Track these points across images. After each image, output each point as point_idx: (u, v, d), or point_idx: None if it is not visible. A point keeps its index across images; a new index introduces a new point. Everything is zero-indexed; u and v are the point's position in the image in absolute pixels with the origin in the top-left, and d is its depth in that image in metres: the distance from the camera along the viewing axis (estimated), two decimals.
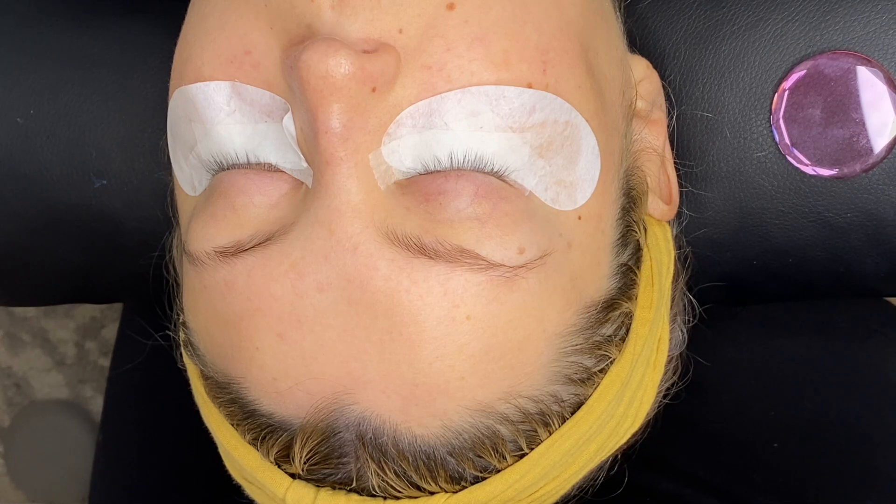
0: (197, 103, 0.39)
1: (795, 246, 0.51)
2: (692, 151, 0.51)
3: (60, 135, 0.54)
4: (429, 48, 0.36)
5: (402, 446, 0.38)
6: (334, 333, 0.36)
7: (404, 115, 0.36)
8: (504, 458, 0.39)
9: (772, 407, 0.55)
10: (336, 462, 0.38)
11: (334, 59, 0.34)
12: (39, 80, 0.54)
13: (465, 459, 0.39)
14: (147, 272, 0.55)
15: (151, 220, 0.54)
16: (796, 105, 0.45)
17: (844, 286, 0.54)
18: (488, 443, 0.39)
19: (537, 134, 0.37)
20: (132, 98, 0.53)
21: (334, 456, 0.38)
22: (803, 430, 0.34)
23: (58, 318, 1.03)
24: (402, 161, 0.37)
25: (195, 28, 0.40)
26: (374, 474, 0.38)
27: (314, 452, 0.38)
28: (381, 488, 0.39)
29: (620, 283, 0.41)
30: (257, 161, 0.38)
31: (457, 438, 0.38)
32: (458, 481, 0.40)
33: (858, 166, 0.46)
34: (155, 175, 0.53)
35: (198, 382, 0.43)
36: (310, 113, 0.35)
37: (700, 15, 0.50)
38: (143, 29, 0.54)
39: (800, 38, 0.49)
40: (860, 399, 0.54)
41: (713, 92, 0.50)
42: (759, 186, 0.50)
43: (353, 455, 0.38)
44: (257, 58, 0.38)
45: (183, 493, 0.63)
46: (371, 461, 0.38)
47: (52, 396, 1.07)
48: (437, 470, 0.39)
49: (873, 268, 0.52)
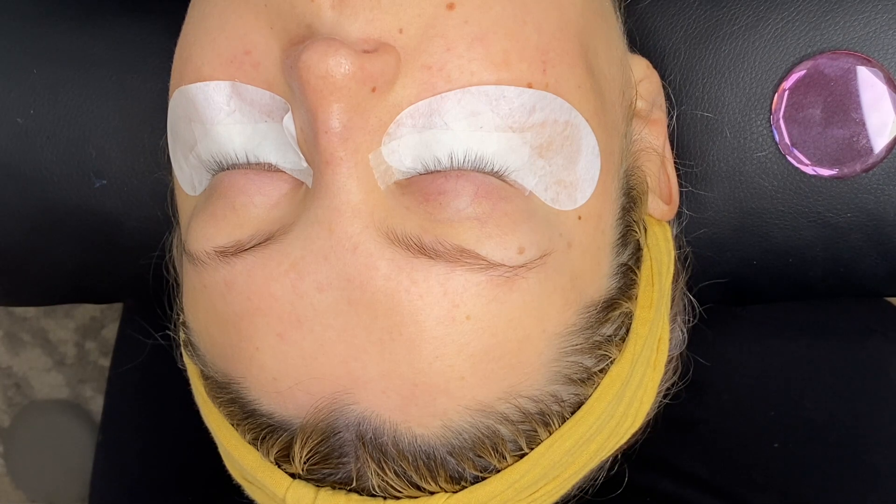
0: (197, 103, 0.39)
1: (795, 246, 0.51)
2: (692, 151, 0.51)
3: (60, 135, 0.54)
4: (429, 48, 0.36)
5: (402, 446, 0.38)
6: (334, 333, 0.36)
7: (404, 114, 0.36)
8: (504, 458, 0.39)
9: (772, 407, 0.55)
10: (336, 462, 0.38)
11: (334, 59, 0.34)
12: (39, 80, 0.54)
13: (465, 459, 0.39)
14: (147, 272, 0.55)
15: (151, 220, 0.54)
16: (796, 105, 0.45)
17: (844, 286, 0.54)
18: (488, 443, 0.39)
19: (537, 134, 0.37)
20: (132, 98, 0.53)
21: (334, 456, 0.38)
22: (803, 430, 0.34)
23: (58, 317, 1.03)
24: (402, 161, 0.37)
25: (195, 28, 0.40)
26: (374, 474, 0.38)
27: (314, 452, 0.38)
28: (381, 488, 0.39)
29: (620, 283, 0.41)
30: (257, 161, 0.38)
31: (457, 438, 0.38)
32: (458, 481, 0.39)
33: (858, 166, 0.46)
34: (155, 175, 0.53)
35: (198, 382, 0.43)
36: (310, 113, 0.35)
37: (700, 14, 0.50)
38: (143, 29, 0.54)
39: (800, 37, 0.49)
40: (860, 399, 0.54)
41: (713, 92, 0.50)
42: (759, 186, 0.50)
43: (353, 455, 0.38)
44: (257, 58, 0.38)
45: (183, 493, 0.63)
46: (371, 461, 0.38)
47: (52, 396, 1.07)
48: (437, 470, 0.39)
49: (873, 268, 0.52)
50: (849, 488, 0.43)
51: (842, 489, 0.35)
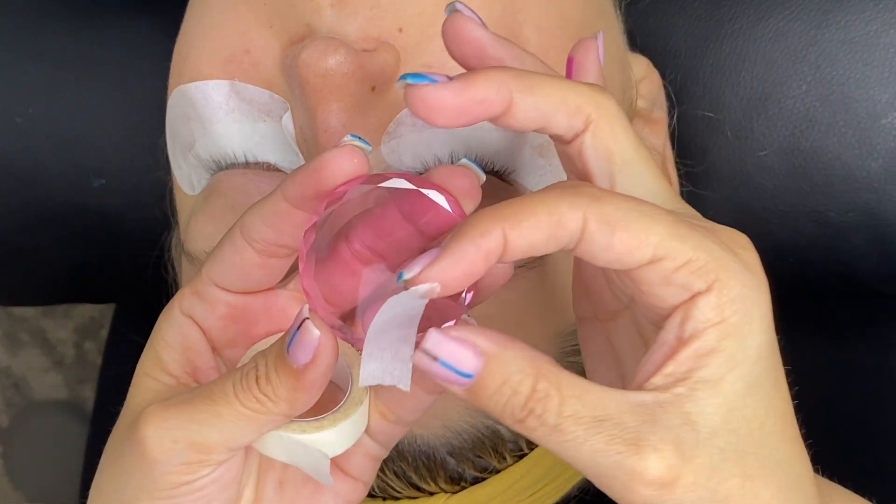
0: (196, 102, 0.39)
1: (796, 245, 0.51)
2: (693, 151, 0.50)
3: (59, 134, 0.54)
4: (429, 47, 0.36)
5: (402, 446, 0.38)
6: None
7: (404, 113, 0.36)
8: (504, 459, 0.39)
9: None
10: None
11: (334, 58, 0.34)
12: (38, 80, 0.54)
13: (464, 460, 0.39)
14: (146, 272, 0.55)
15: (150, 220, 0.54)
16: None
17: (846, 286, 0.54)
18: (488, 443, 0.39)
19: (537, 133, 0.37)
20: (131, 97, 0.53)
21: None
22: (804, 422, 0.34)
23: (56, 317, 1.03)
24: (402, 160, 0.37)
25: (194, 27, 0.40)
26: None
27: None
28: (380, 489, 0.39)
29: None
30: (256, 160, 0.38)
31: (457, 438, 0.38)
32: (457, 482, 0.39)
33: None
34: (154, 174, 0.53)
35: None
36: (309, 112, 0.35)
37: (701, 14, 0.50)
38: (142, 28, 0.54)
39: (801, 36, 0.49)
40: (863, 392, 0.54)
41: (714, 91, 0.50)
42: (759, 186, 0.50)
43: None
44: (256, 56, 0.38)
45: None
46: None
47: (51, 397, 1.07)
48: (437, 470, 0.39)
49: (875, 267, 0.52)
50: (852, 481, 0.43)
51: (845, 482, 0.35)
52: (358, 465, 0.34)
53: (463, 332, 0.28)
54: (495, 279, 0.30)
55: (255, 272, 0.32)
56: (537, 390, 0.27)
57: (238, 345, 0.34)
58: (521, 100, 0.29)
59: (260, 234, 0.31)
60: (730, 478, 0.28)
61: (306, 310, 0.29)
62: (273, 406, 0.29)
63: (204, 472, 0.31)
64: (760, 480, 0.28)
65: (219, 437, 0.30)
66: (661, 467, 0.27)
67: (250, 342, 0.34)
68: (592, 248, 0.28)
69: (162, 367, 0.33)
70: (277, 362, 0.29)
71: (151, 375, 0.33)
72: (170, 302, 0.34)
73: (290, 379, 0.29)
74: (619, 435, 0.27)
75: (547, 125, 0.29)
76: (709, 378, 0.27)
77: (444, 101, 0.28)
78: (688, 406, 0.27)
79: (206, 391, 0.30)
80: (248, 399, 0.29)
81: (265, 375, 0.29)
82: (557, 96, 0.29)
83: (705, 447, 0.27)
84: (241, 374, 0.30)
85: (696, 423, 0.27)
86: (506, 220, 0.27)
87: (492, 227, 0.27)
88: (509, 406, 0.27)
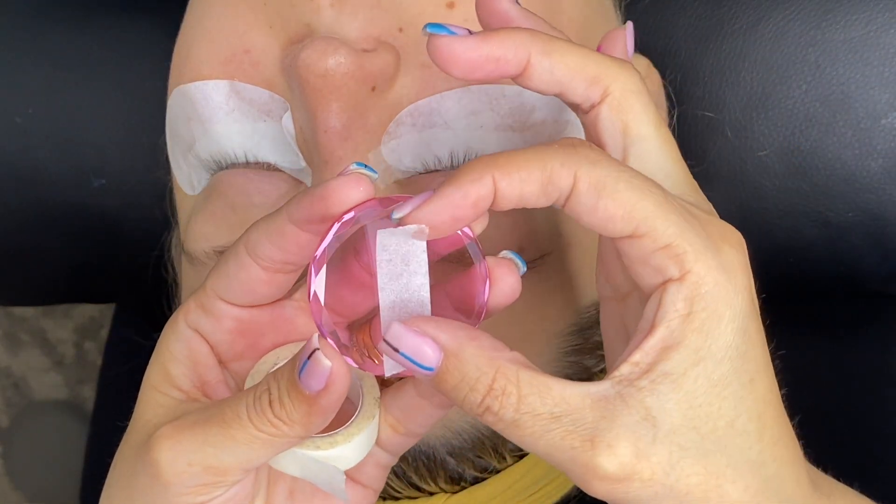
0: (195, 102, 0.39)
1: (796, 245, 0.51)
2: (693, 151, 0.50)
3: (59, 134, 0.54)
4: None
5: None
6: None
7: (404, 113, 0.36)
8: (504, 459, 0.39)
9: None
10: None
11: (334, 58, 0.34)
12: (38, 80, 0.54)
13: (464, 460, 0.39)
14: (146, 272, 0.55)
15: (150, 220, 0.54)
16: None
17: (846, 286, 0.54)
18: (488, 443, 0.38)
19: (537, 133, 0.37)
20: (131, 97, 0.53)
21: None
22: (803, 422, 0.34)
23: (56, 317, 1.03)
24: (402, 160, 0.36)
25: (194, 27, 0.40)
26: None
27: None
28: None
29: None
30: (256, 160, 0.38)
31: (456, 438, 0.38)
32: (457, 482, 0.39)
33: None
34: (154, 174, 0.53)
35: None
36: (309, 112, 0.35)
37: (701, 14, 0.50)
38: (142, 28, 0.54)
39: (801, 36, 0.49)
40: (862, 391, 0.54)
41: (714, 91, 0.50)
42: (760, 186, 0.50)
43: None
44: (256, 56, 0.38)
45: None
46: None
47: (50, 397, 1.07)
48: (437, 470, 0.39)
49: (875, 267, 0.52)
50: (852, 479, 0.43)
51: (845, 480, 0.36)
52: (369, 474, 0.34)
53: (426, 325, 0.28)
54: (505, 297, 0.31)
55: (261, 287, 0.32)
56: (494, 388, 0.27)
57: (246, 357, 0.33)
58: (538, 62, 0.29)
59: (265, 252, 0.31)
60: (691, 475, 0.28)
61: (316, 339, 0.29)
62: (288, 430, 0.29)
63: (218, 493, 0.31)
64: (727, 479, 0.28)
65: (233, 460, 0.30)
66: (614, 464, 0.27)
67: (258, 354, 0.33)
68: (578, 208, 0.28)
69: (170, 382, 0.32)
70: (290, 387, 0.29)
71: (160, 390, 0.32)
72: (174, 315, 0.33)
73: (303, 405, 0.29)
74: (576, 431, 0.27)
75: (564, 91, 0.30)
76: (670, 372, 0.28)
77: (460, 54, 0.29)
78: (649, 400, 0.28)
79: (218, 413, 0.30)
80: (263, 423, 0.29)
81: (278, 399, 0.29)
82: (576, 63, 0.30)
83: (663, 444, 0.28)
84: (254, 397, 0.29)
85: (655, 418, 0.28)
86: (498, 168, 0.28)
87: (483, 174, 0.28)
88: (467, 401, 0.28)
